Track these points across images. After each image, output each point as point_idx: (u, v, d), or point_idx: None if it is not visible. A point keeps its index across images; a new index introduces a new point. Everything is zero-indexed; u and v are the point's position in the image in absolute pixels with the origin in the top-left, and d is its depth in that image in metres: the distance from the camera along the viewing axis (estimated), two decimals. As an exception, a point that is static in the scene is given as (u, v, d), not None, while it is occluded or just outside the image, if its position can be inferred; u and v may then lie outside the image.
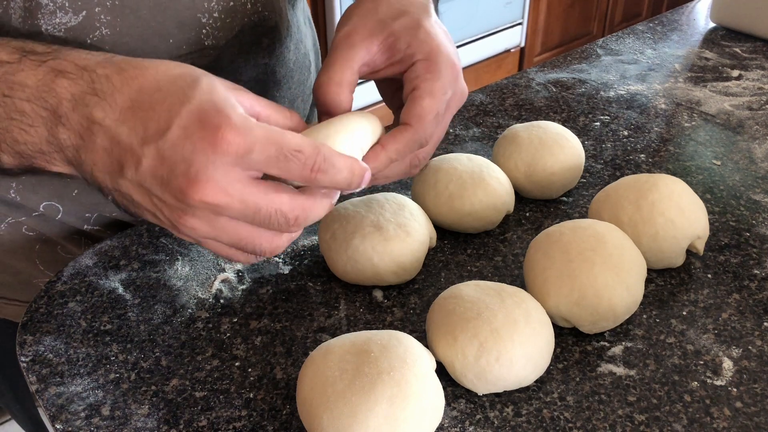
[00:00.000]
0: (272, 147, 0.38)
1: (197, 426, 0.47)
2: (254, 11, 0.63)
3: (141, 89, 0.39)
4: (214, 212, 0.39)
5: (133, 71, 0.39)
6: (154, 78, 0.39)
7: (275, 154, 0.38)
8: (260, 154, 0.38)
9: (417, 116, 0.48)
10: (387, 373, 0.43)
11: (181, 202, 0.39)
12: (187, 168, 0.37)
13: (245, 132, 0.37)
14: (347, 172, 0.41)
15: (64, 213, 0.63)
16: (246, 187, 0.39)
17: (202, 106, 0.38)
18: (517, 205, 0.66)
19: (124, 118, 0.39)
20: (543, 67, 0.92)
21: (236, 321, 0.55)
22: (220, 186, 0.38)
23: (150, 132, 0.38)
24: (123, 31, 0.55)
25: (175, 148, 0.38)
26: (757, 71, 0.90)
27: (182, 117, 0.38)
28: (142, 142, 0.38)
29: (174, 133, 0.38)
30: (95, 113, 0.39)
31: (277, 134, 0.38)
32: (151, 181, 0.39)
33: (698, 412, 0.47)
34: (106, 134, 0.39)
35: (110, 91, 0.39)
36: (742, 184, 0.69)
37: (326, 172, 0.40)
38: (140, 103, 0.39)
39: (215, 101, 0.38)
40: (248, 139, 0.37)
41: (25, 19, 0.51)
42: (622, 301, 0.51)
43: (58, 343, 0.53)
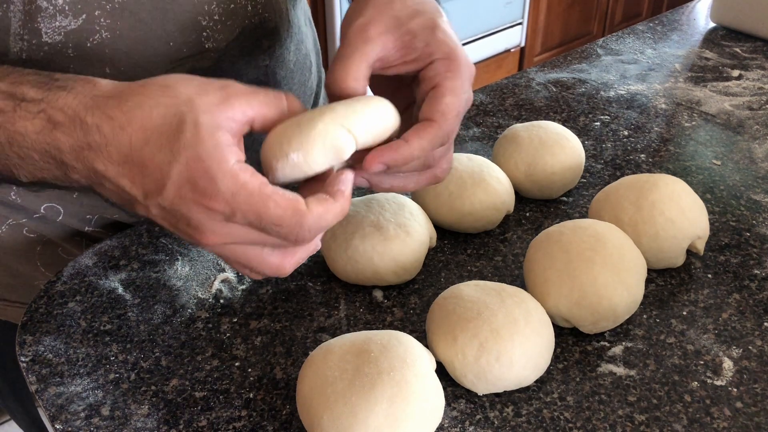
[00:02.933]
0: (252, 215, 0.39)
1: (197, 426, 0.47)
2: (255, 13, 0.62)
3: (131, 144, 0.40)
4: (221, 244, 0.42)
5: (119, 116, 0.40)
6: (141, 126, 0.40)
7: (255, 222, 0.40)
8: (241, 219, 0.39)
9: (440, 113, 0.47)
10: (387, 373, 0.43)
11: (191, 239, 0.42)
12: (188, 221, 0.40)
13: (229, 198, 0.39)
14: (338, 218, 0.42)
15: (65, 215, 0.63)
16: (243, 232, 0.41)
17: (189, 167, 0.39)
18: (517, 205, 0.66)
19: (122, 173, 0.40)
20: (543, 67, 0.92)
21: (236, 321, 0.55)
22: (220, 233, 0.40)
23: (148, 189, 0.40)
24: (123, 35, 0.54)
25: (174, 206, 0.40)
26: (758, 71, 0.90)
27: (173, 178, 0.39)
28: (145, 196, 0.40)
29: (169, 193, 0.39)
30: (96, 166, 0.41)
31: (259, 203, 0.39)
32: (161, 221, 0.42)
33: (698, 412, 0.47)
34: (111, 183, 0.41)
35: (103, 143, 0.40)
36: (743, 184, 0.69)
37: (312, 237, 0.41)
38: (131, 158, 0.40)
39: (202, 160, 0.39)
40: (231, 205, 0.39)
41: (25, 22, 0.51)
42: (622, 301, 0.51)
43: (58, 343, 0.53)
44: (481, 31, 2.42)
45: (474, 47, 2.43)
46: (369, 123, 0.44)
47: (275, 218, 0.39)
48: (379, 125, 0.44)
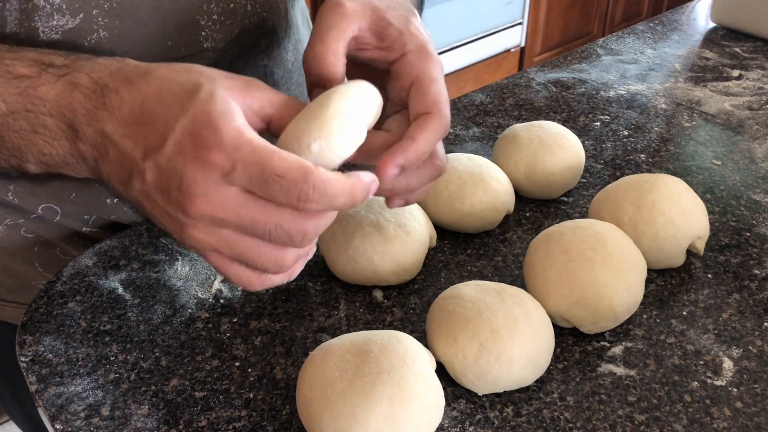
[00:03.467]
0: (254, 168, 0.36)
1: (197, 426, 0.47)
2: (254, 13, 0.62)
3: (144, 102, 0.39)
4: (213, 224, 0.38)
5: (141, 82, 0.40)
6: (158, 89, 0.39)
7: (257, 176, 0.36)
8: (242, 173, 0.37)
9: (433, 102, 0.45)
10: (387, 373, 0.43)
11: (180, 214, 0.38)
12: (180, 182, 0.37)
13: (230, 150, 0.36)
14: (345, 197, 0.38)
15: (62, 215, 0.63)
16: (240, 201, 0.37)
17: (195, 120, 0.37)
18: (517, 205, 0.66)
19: (128, 133, 0.39)
20: (543, 67, 0.92)
21: (236, 321, 0.55)
22: (213, 200, 0.37)
23: (149, 146, 0.38)
24: (121, 34, 0.54)
25: (170, 162, 0.38)
26: (758, 71, 0.90)
27: (176, 131, 0.37)
28: (144, 156, 0.39)
29: (168, 147, 0.38)
30: (106, 127, 0.40)
31: (264, 155, 0.36)
32: (155, 192, 0.39)
33: (698, 412, 0.47)
34: (116, 147, 0.40)
35: (118, 104, 0.40)
36: (743, 184, 0.69)
37: (317, 201, 0.37)
38: (142, 117, 0.39)
39: (210, 113, 0.37)
40: (231, 157, 0.36)
41: (21, 21, 0.50)
42: (622, 301, 0.51)
43: (58, 343, 0.53)
44: (481, 31, 2.42)
45: (474, 47, 2.43)
46: (368, 102, 0.42)
47: (280, 169, 0.36)
48: (373, 104, 0.43)
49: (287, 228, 0.38)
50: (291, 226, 0.38)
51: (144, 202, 0.40)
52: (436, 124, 0.45)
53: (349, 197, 0.38)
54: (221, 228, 0.38)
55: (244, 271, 0.41)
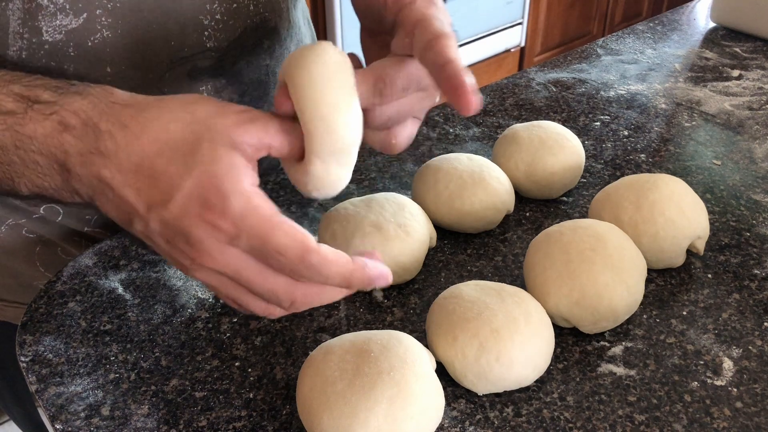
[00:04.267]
0: (257, 240, 0.38)
1: (197, 426, 0.47)
2: (256, 12, 0.63)
3: (143, 153, 0.39)
4: (214, 272, 0.40)
5: (135, 127, 0.39)
6: (156, 139, 0.39)
7: (258, 247, 0.38)
8: (245, 242, 0.38)
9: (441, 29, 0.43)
10: (387, 373, 0.43)
11: (185, 260, 0.40)
12: (188, 239, 0.39)
13: (237, 219, 0.38)
14: (340, 279, 0.40)
15: (64, 215, 0.63)
16: (241, 262, 0.39)
17: (201, 183, 0.38)
18: (517, 205, 0.66)
19: (129, 182, 0.39)
20: (543, 67, 0.92)
21: (236, 321, 0.55)
22: (216, 258, 0.39)
23: (154, 200, 0.39)
24: (124, 33, 0.54)
25: (177, 220, 0.38)
26: (758, 71, 0.90)
27: (183, 191, 0.38)
28: (147, 208, 0.39)
29: (175, 205, 0.38)
30: (102, 172, 0.40)
31: (267, 229, 0.38)
32: (158, 238, 0.40)
33: (698, 412, 0.47)
34: (114, 193, 0.40)
35: (114, 150, 0.39)
36: (743, 184, 0.69)
37: (311, 278, 0.39)
38: (143, 169, 0.39)
39: (215, 177, 0.38)
40: (238, 226, 0.38)
41: (25, 21, 0.50)
42: (622, 301, 0.51)
43: (58, 343, 0.53)
44: (481, 31, 2.42)
45: (474, 47, 2.43)
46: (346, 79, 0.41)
47: (280, 246, 0.38)
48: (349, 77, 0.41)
49: (278, 294, 0.40)
50: (282, 294, 0.40)
51: (145, 239, 0.42)
52: (450, 41, 0.42)
53: (343, 281, 0.40)
54: (221, 276, 0.40)
55: (253, 305, 0.43)
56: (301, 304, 0.41)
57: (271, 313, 0.42)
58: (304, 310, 0.41)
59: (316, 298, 0.41)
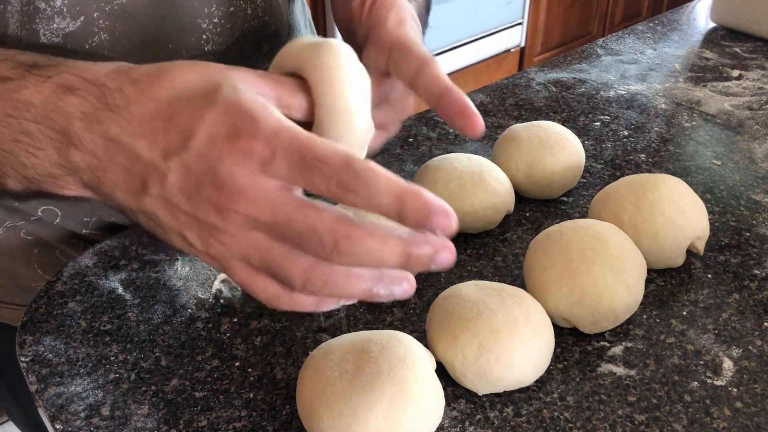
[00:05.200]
0: (295, 154, 0.33)
1: (197, 426, 0.47)
2: (255, 16, 0.62)
3: (158, 99, 0.36)
4: (245, 226, 0.35)
5: (148, 80, 0.36)
6: (170, 86, 0.36)
7: (297, 162, 0.33)
8: (282, 161, 0.33)
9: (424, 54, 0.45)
10: (387, 373, 0.43)
11: (211, 215, 0.35)
12: (214, 178, 0.34)
13: (270, 136, 0.34)
14: (391, 197, 0.33)
15: (62, 217, 0.63)
16: (277, 197, 0.34)
17: (227, 110, 0.34)
18: (517, 205, 0.66)
19: (142, 132, 0.35)
20: (543, 67, 0.92)
21: (236, 321, 0.55)
22: (249, 195, 0.34)
23: (172, 143, 0.35)
24: (122, 37, 0.54)
25: (201, 157, 0.34)
26: (758, 71, 0.90)
27: (205, 123, 0.34)
28: (165, 155, 0.35)
29: (198, 141, 0.34)
30: (111, 129, 0.36)
31: (305, 141, 0.34)
32: (179, 196, 0.35)
33: (698, 412, 0.47)
34: (125, 151, 0.36)
35: (125, 103, 0.36)
36: (742, 184, 0.69)
37: (357, 191, 0.33)
38: (159, 114, 0.35)
39: (241, 103, 0.35)
40: (271, 144, 0.33)
41: (23, 24, 0.50)
42: (622, 301, 0.51)
43: (58, 343, 0.53)
44: (481, 31, 2.42)
45: (474, 47, 2.43)
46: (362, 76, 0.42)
47: (322, 154, 0.33)
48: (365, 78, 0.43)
49: (320, 231, 0.33)
50: (324, 230, 0.33)
51: (160, 212, 0.36)
52: (438, 65, 0.45)
53: (395, 199, 0.33)
54: (253, 230, 0.35)
55: (271, 285, 0.37)
56: (346, 246, 0.33)
57: (312, 274, 0.35)
58: (348, 261, 0.34)
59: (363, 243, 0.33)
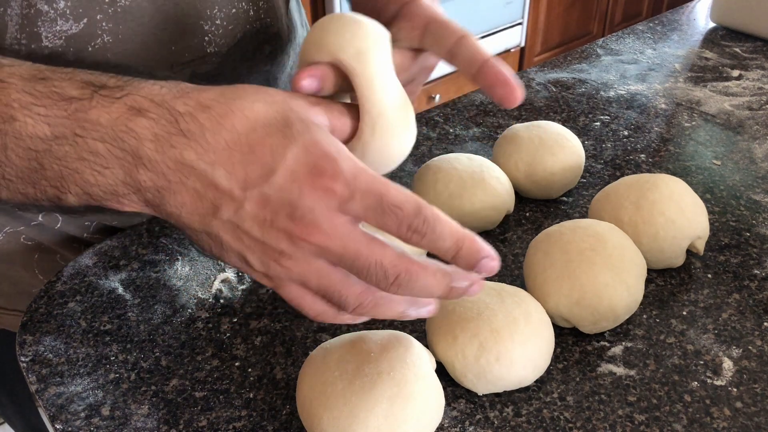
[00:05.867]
0: (372, 198, 0.37)
1: (197, 426, 0.47)
2: (256, 18, 0.62)
3: (233, 129, 0.37)
4: (313, 254, 0.38)
5: (220, 108, 0.37)
6: (243, 117, 0.37)
7: (374, 205, 0.37)
8: (359, 202, 0.37)
9: (459, 29, 0.48)
10: (387, 373, 0.43)
11: (282, 243, 0.37)
12: (293, 211, 0.36)
13: (350, 179, 0.36)
14: (451, 241, 0.38)
15: (63, 222, 0.62)
16: (349, 232, 0.37)
17: (307, 149, 0.37)
18: (517, 205, 0.66)
19: (219, 161, 0.37)
20: (543, 67, 0.92)
21: (236, 321, 0.55)
22: (324, 229, 0.37)
23: (252, 176, 0.37)
24: (125, 39, 0.54)
25: (281, 192, 0.36)
26: (757, 71, 0.90)
27: (287, 161, 0.36)
28: (244, 186, 0.37)
29: (280, 177, 0.36)
30: (186, 155, 0.37)
31: (380, 186, 0.37)
32: (251, 223, 0.37)
33: (698, 412, 0.47)
34: (199, 177, 0.37)
35: (199, 131, 0.37)
36: (742, 184, 0.69)
37: (424, 235, 0.37)
38: (236, 145, 0.37)
39: (320, 143, 0.37)
40: (352, 186, 0.36)
41: (23, 26, 0.50)
42: (622, 301, 0.51)
43: (58, 343, 0.53)
44: (481, 31, 2.42)
45: (474, 47, 2.42)
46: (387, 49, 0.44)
47: (397, 200, 0.37)
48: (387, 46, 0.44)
49: (386, 266, 0.37)
50: (388, 263, 0.38)
51: (225, 235, 0.38)
52: (475, 40, 0.48)
53: (454, 244, 0.38)
54: (318, 258, 0.38)
55: (320, 303, 0.40)
56: (404, 280, 0.38)
57: (365, 299, 0.39)
58: (403, 291, 0.38)
59: (419, 278, 0.38)
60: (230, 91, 0.39)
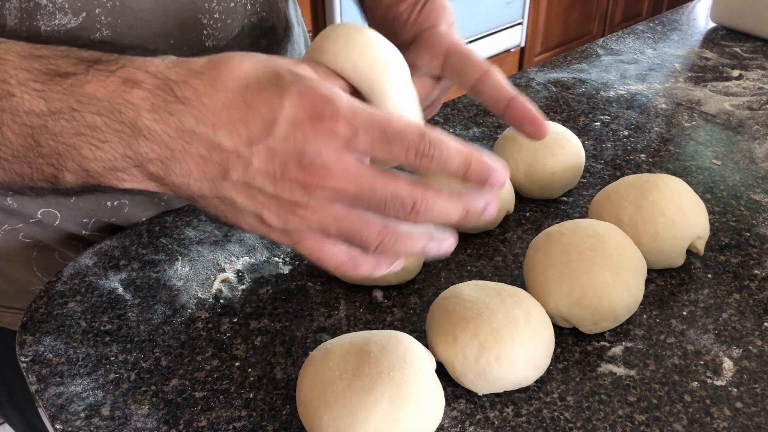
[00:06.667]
0: (376, 131, 0.37)
1: (197, 426, 0.47)
2: (253, 12, 0.63)
3: (227, 89, 0.38)
4: (329, 199, 0.38)
5: (212, 72, 0.38)
6: (235, 77, 0.38)
7: (378, 137, 0.37)
8: (364, 137, 0.37)
9: (482, 63, 0.49)
10: (387, 373, 0.43)
11: (296, 193, 0.38)
12: (301, 158, 0.37)
13: (350, 117, 0.37)
14: (460, 159, 0.39)
15: (61, 219, 0.62)
16: (360, 169, 0.37)
17: (303, 96, 0.37)
18: (517, 205, 0.66)
19: (219, 122, 0.37)
20: (543, 67, 0.92)
21: (236, 321, 0.55)
22: (335, 171, 0.37)
23: (255, 131, 0.37)
24: (123, 33, 0.54)
25: (286, 141, 0.37)
26: (758, 71, 0.90)
27: (285, 110, 0.37)
28: (249, 143, 0.37)
29: (282, 127, 0.37)
30: (185, 120, 0.37)
31: (381, 118, 0.38)
32: (262, 179, 0.38)
33: (698, 412, 0.47)
34: (202, 141, 0.37)
35: (194, 96, 0.38)
36: (742, 184, 0.69)
37: (432, 157, 0.38)
38: (234, 104, 0.37)
39: (314, 88, 0.37)
40: (353, 123, 0.37)
41: (22, 20, 0.50)
42: (622, 301, 0.51)
43: (58, 343, 0.53)
44: (481, 31, 2.42)
45: (474, 47, 2.42)
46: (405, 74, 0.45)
47: (400, 128, 0.37)
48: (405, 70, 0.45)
49: (402, 195, 0.38)
50: (405, 194, 0.38)
51: (237, 196, 0.39)
52: (500, 73, 0.49)
53: (463, 161, 0.39)
54: (335, 202, 0.38)
55: (340, 251, 0.40)
56: (422, 207, 0.38)
57: (386, 234, 0.39)
58: (423, 218, 0.39)
59: (435, 203, 0.39)
60: (217, 57, 0.39)
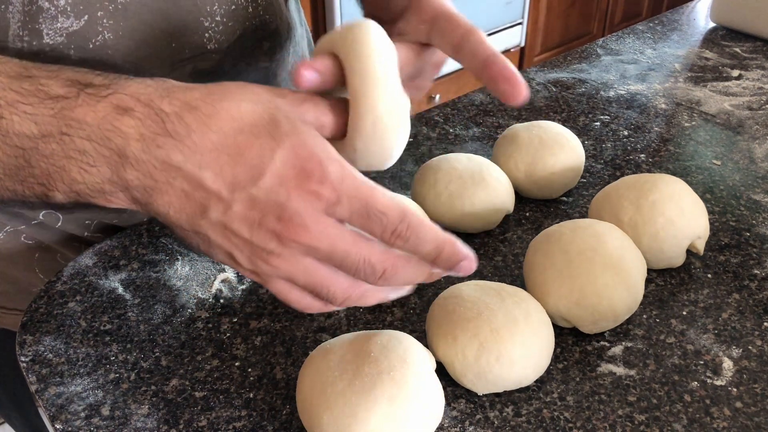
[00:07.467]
0: (358, 203, 0.37)
1: (197, 426, 0.47)
2: (255, 14, 0.63)
3: (220, 130, 0.37)
4: (302, 252, 0.38)
5: (207, 108, 0.38)
6: (230, 117, 0.37)
7: (360, 210, 0.38)
8: (347, 207, 0.37)
9: (467, 24, 0.47)
10: (387, 373, 0.43)
11: (270, 243, 0.38)
12: (281, 213, 0.37)
13: (336, 183, 0.37)
14: (432, 246, 0.39)
15: (63, 221, 0.62)
16: (337, 233, 0.38)
17: (295, 152, 0.37)
18: (517, 205, 0.66)
19: (207, 163, 0.37)
20: (543, 67, 0.92)
21: (236, 321, 0.55)
22: (313, 231, 0.37)
23: (240, 179, 0.37)
24: (125, 36, 0.54)
25: (270, 194, 0.37)
26: (757, 71, 0.90)
27: (275, 163, 0.37)
28: (232, 188, 0.37)
29: (268, 180, 0.37)
30: (173, 156, 0.37)
31: (367, 191, 0.38)
32: (239, 224, 0.38)
33: (698, 412, 0.47)
34: (186, 178, 0.37)
35: (185, 132, 0.37)
36: (742, 184, 0.69)
37: (407, 240, 0.39)
38: (224, 147, 0.37)
39: (307, 146, 0.37)
40: (339, 189, 0.37)
41: (25, 23, 0.50)
42: (622, 301, 0.51)
43: (58, 343, 0.53)
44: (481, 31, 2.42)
45: (474, 47, 2.42)
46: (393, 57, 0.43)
47: (383, 205, 0.38)
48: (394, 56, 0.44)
49: (373, 262, 0.39)
50: (376, 260, 0.39)
51: (213, 234, 0.39)
52: (483, 34, 0.46)
53: (435, 249, 0.39)
54: (306, 256, 0.39)
55: (309, 299, 0.41)
56: (390, 274, 0.39)
57: (353, 292, 0.40)
58: (389, 283, 0.40)
59: (403, 271, 0.40)
60: (216, 90, 0.39)
